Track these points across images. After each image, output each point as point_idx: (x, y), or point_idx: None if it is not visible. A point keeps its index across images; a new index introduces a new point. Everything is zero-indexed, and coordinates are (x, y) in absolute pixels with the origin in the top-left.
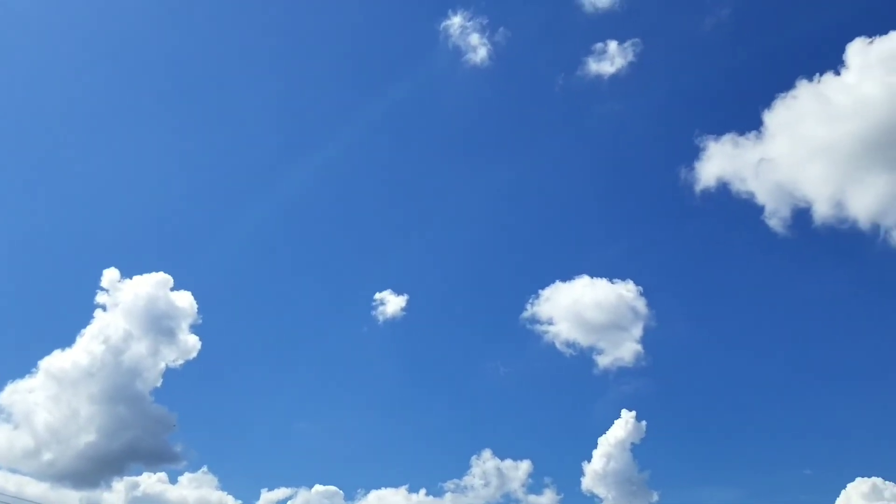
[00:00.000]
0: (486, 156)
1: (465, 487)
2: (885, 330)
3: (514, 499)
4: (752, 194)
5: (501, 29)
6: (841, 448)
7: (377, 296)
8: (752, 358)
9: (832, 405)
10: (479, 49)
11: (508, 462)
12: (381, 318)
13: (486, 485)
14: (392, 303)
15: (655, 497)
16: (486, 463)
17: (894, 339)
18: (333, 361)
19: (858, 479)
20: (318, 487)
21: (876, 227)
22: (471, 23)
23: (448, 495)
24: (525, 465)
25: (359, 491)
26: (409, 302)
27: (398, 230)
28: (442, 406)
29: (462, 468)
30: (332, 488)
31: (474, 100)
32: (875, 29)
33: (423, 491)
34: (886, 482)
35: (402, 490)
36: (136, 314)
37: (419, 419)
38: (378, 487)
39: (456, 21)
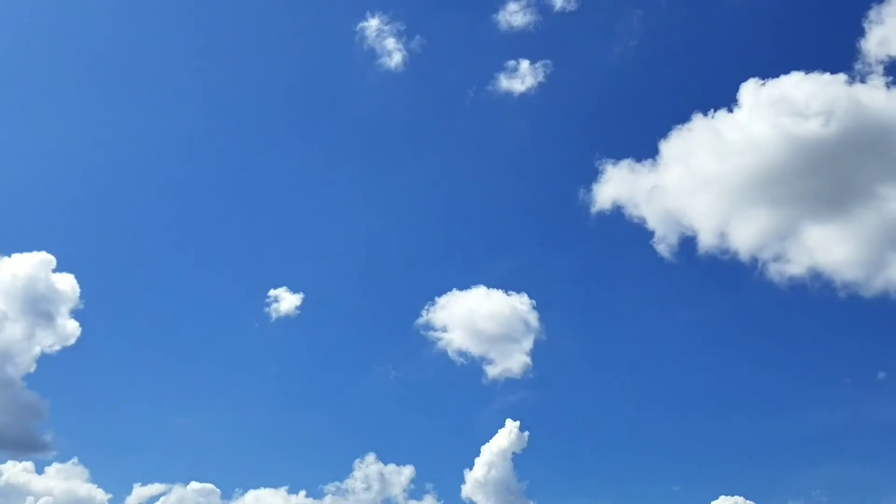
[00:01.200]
0: (392, 160)
1: (347, 491)
2: (755, 358)
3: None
4: (643, 219)
5: (418, 37)
6: (708, 467)
7: (272, 292)
8: (632, 376)
9: (702, 425)
10: (394, 54)
11: (392, 467)
12: (274, 315)
13: (368, 489)
14: (286, 300)
15: None
16: (369, 467)
17: (762, 368)
18: (220, 356)
19: (723, 497)
20: (194, 485)
21: (755, 260)
22: (388, 27)
23: (328, 498)
24: (408, 471)
25: (236, 490)
26: (304, 301)
27: (299, 228)
28: (328, 408)
29: (344, 471)
30: (209, 486)
31: (385, 104)
32: (768, 72)
33: (303, 492)
34: (748, 501)
35: (282, 491)
36: (13, 294)
37: (304, 420)
38: (257, 487)
39: (373, 23)
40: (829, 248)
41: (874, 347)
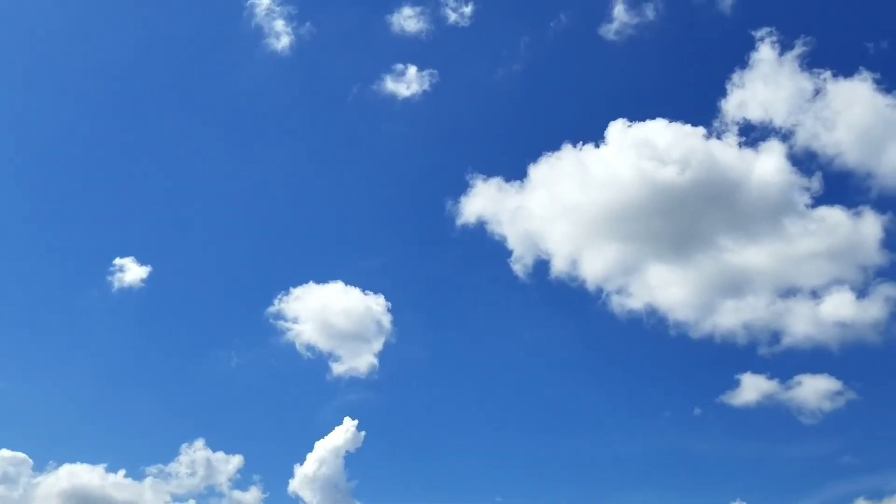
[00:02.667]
0: (266, 144)
1: (169, 474)
2: (589, 382)
3: (218, 492)
4: (504, 238)
5: (308, 24)
6: (530, 481)
7: (117, 261)
8: (473, 388)
9: (530, 441)
10: (282, 37)
11: (220, 454)
12: (116, 284)
13: (192, 474)
14: (132, 271)
15: None
16: (196, 452)
17: (594, 392)
18: (51, 321)
19: None
20: (4, 452)
21: (600, 290)
22: (279, 8)
23: (149, 480)
24: (236, 460)
25: (50, 463)
26: (151, 274)
27: (156, 200)
28: (161, 387)
29: (170, 454)
30: (21, 455)
31: (266, 86)
32: (636, 115)
33: (122, 472)
34: None
35: (100, 468)
36: None
37: (133, 397)
38: (73, 461)
39: (264, 1)
40: (667, 287)
41: (694, 385)
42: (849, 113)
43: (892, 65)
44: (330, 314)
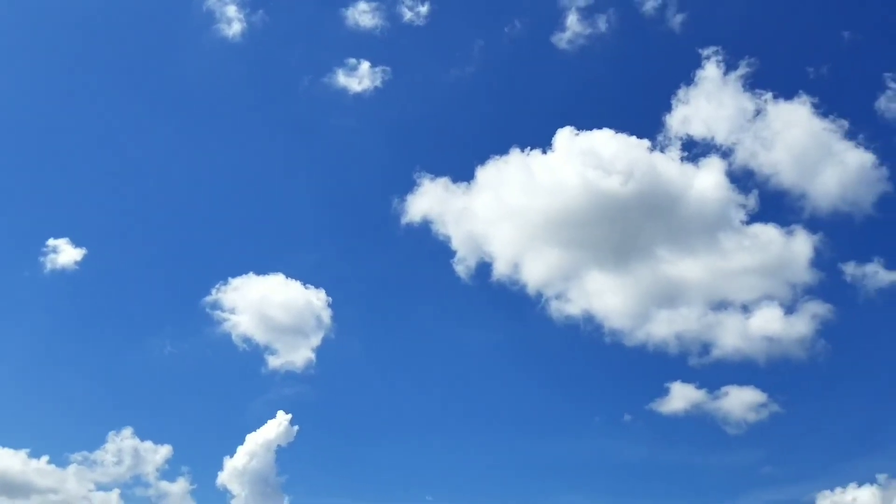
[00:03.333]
0: (213, 130)
1: (95, 462)
2: (525, 385)
3: (144, 482)
4: (448, 238)
5: (261, 12)
6: (460, 480)
7: (50, 242)
8: (410, 386)
9: (463, 440)
10: (233, 23)
11: (148, 444)
12: (49, 265)
13: (119, 463)
14: (66, 253)
15: (286, 501)
16: (123, 441)
17: (530, 395)
18: None
19: None
20: None
21: (539, 295)
22: None
23: (73, 467)
24: (165, 450)
25: None
26: (86, 256)
27: (96, 182)
28: (90, 373)
29: (96, 442)
30: None
31: (215, 72)
32: (583, 124)
33: (45, 458)
34: None
35: (22, 454)
36: None
37: (60, 381)
38: None
39: None
40: (604, 295)
41: (625, 392)
42: (787, 134)
43: (830, 90)
44: (269, 306)
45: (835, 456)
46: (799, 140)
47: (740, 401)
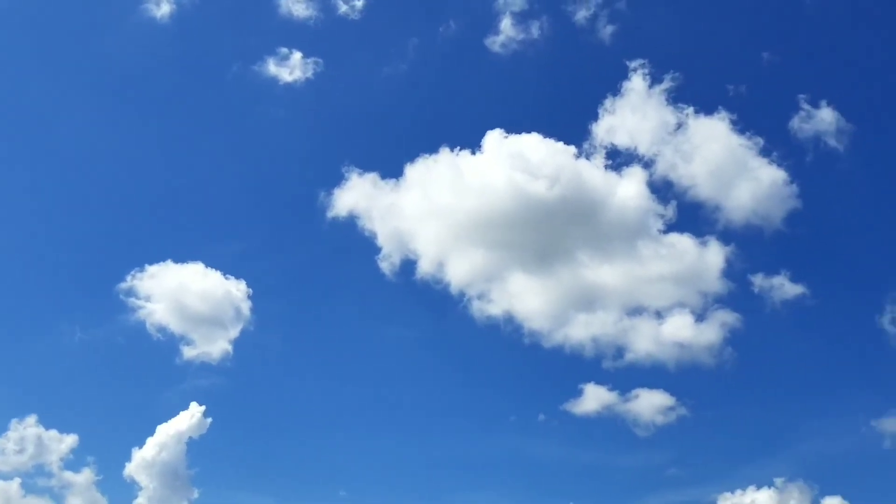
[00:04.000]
0: (137, 113)
1: None
2: (445, 383)
3: (47, 472)
4: (374, 234)
5: None
6: (375, 477)
7: None
8: (328, 381)
9: (378, 437)
10: (162, 4)
11: (53, 433)
12: None
13: (21, 452)
14: None
15: (196, 494)
16: (27, 429)
17: (449, 393)
18: None
19: None
20: None
21: (462, 295)
22: None
23: None
24: (70, 440)
25: None
26: None
27: (10, 161)
28: None
29: None
30: None
31: (141, 54)
32: (512, 127)
33: None
34: None
35: None
36: None
37: None
38: None
39: None
40: (526, 297)
41: (540, 392)
42: (705, 148)
43: (747, 108)
44: (186, 296)
45: (736, 459)
46: (716, 154)
47: (650, 404)
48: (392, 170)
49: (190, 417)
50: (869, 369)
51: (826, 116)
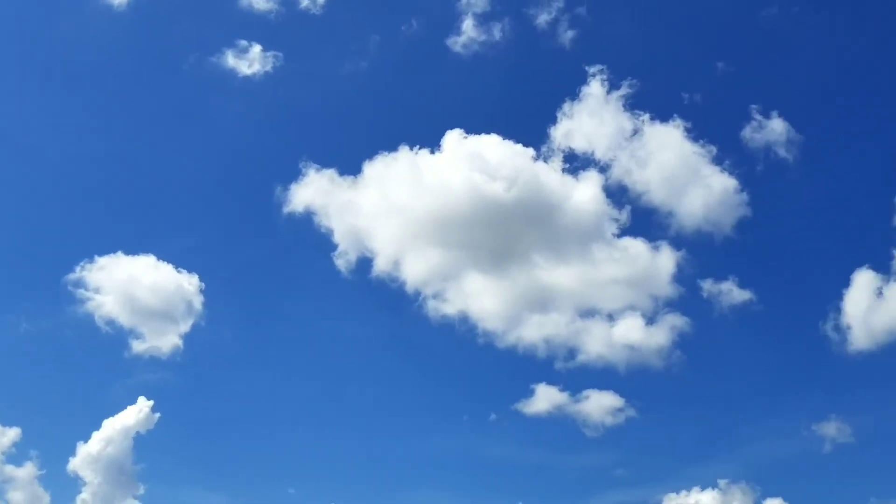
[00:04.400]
0: (90, 101)
1: None
2: (397, 382)
3: None
4: (331, 231)
5: None
6: (325, 474)
7: None
8: (279, 377)
9: (330, 434)
10: None
11: None
12: None
13: None
14: None
15: (142, 490)
16: None
17: (400, 391)
18: None
19: None
20: None
21: (417, 293)
22: None
23: None
24: (13, 433)
25: None
26: None
27: None
28: None
29: None
30: None
31: (96, 40)
32: (472, 127)
33: None
34: None
35: None
36: None
37: None
38: None
39: None
40: (481, 297)
41: (493, 392)
42: (660, 155)
43: (701, 116)
44: (136, 288)
45: (681, 461)
46: (670, 161)
47: (599, 404)
48: (350, 167)
49: (138, 412)
50: (811, 374)
51: (777, 127)
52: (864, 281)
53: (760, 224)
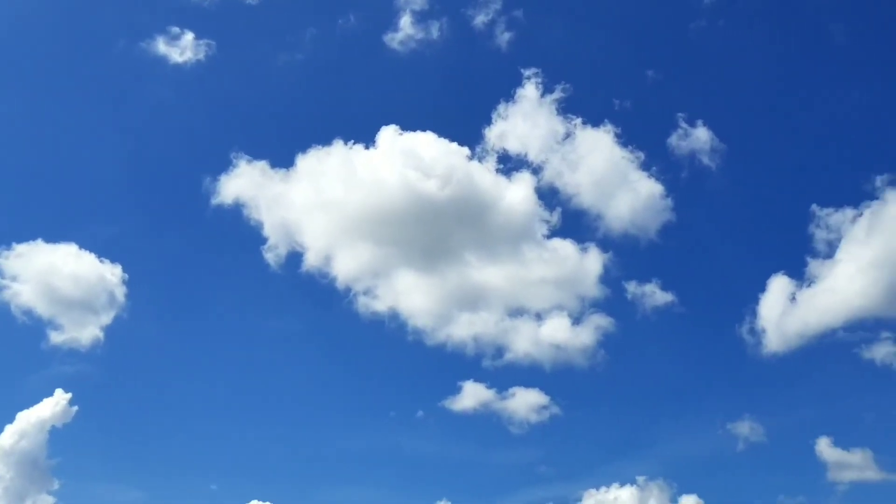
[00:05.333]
0: (11, 84)
1: None
2: (325, 378)
3: None
4: (261, 224)
5: None
6: (245, 470)
7: None
8: (203, 372)
9: (253, 431)
10: None
11: None
12: None
13: None
14: None
15: (56, 486)
16: None
17: (329, 388)
18: None
19: (255, 501)
20: None
21: (348, 290)
22: None
23: None
24: None
25: None
26: None
27: None
28: None
29: None
30: None
31: (19, 22)
32: (408, 124)
33: None
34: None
35: None
36: None
37: None
38: None
39: None
40: (412, 294)
41: (420, 389)
42: (590, 158)
43: (630, 122)
44: (56, 278)
45: (602, 458)
46: (600, 165)
47: (525, 402)
48: (283, 159)
49: (54, 405)
50: (727, 375)
51: (701, 135)
52: (779, 286)
53: (683, 229)
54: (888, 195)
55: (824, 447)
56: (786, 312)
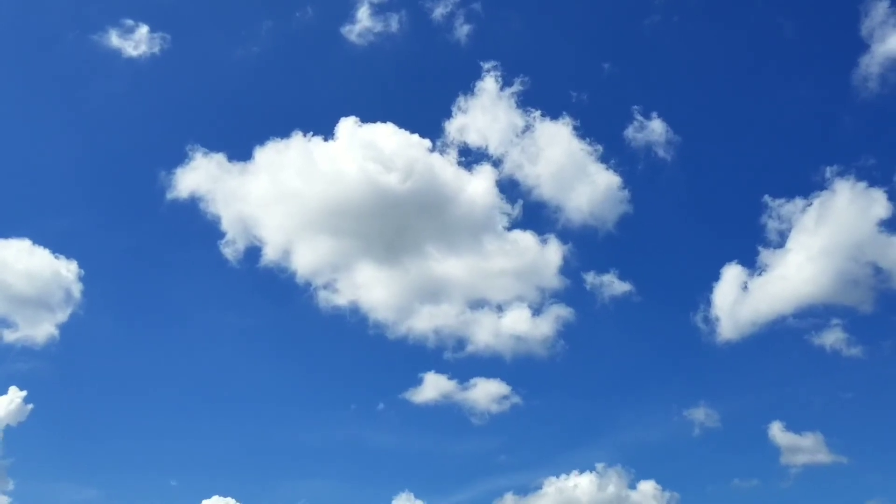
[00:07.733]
0: None
1: None
2: (285, 372)
3: None
4: (218, 218)
5: None
6: (206, 466)
7: None
8: (161, 370)
9: (212, 426)
10: None
11: None
12: None
13: None
14: None
15: (11, 485)
16: None
17: (289, 381)
18: None
19: (216, 497)
20: None
21: (308, 284)
22: None
23: None
24: None
25: None
26: None
27: None
28: None
29: None
30: None
31: None
32: (367, 116)
33: None
34: (238, 502)
35: None
36: None
37: None
38: None
39: None
40: (373, 287)
41: (381, 382)
42: (550, 151)
43: (588, 114)
44: (8, 274)
45: (562, 446)
46: (559, 158)
47: (486, 392)
48: (241, 152)
49: (8, 403)
50: (682, 363)
51: (657, 128)
52: (732, 275)
53: (640, 220)
54: (837, 185)
55: (777, 431)
56: (738, 301)
